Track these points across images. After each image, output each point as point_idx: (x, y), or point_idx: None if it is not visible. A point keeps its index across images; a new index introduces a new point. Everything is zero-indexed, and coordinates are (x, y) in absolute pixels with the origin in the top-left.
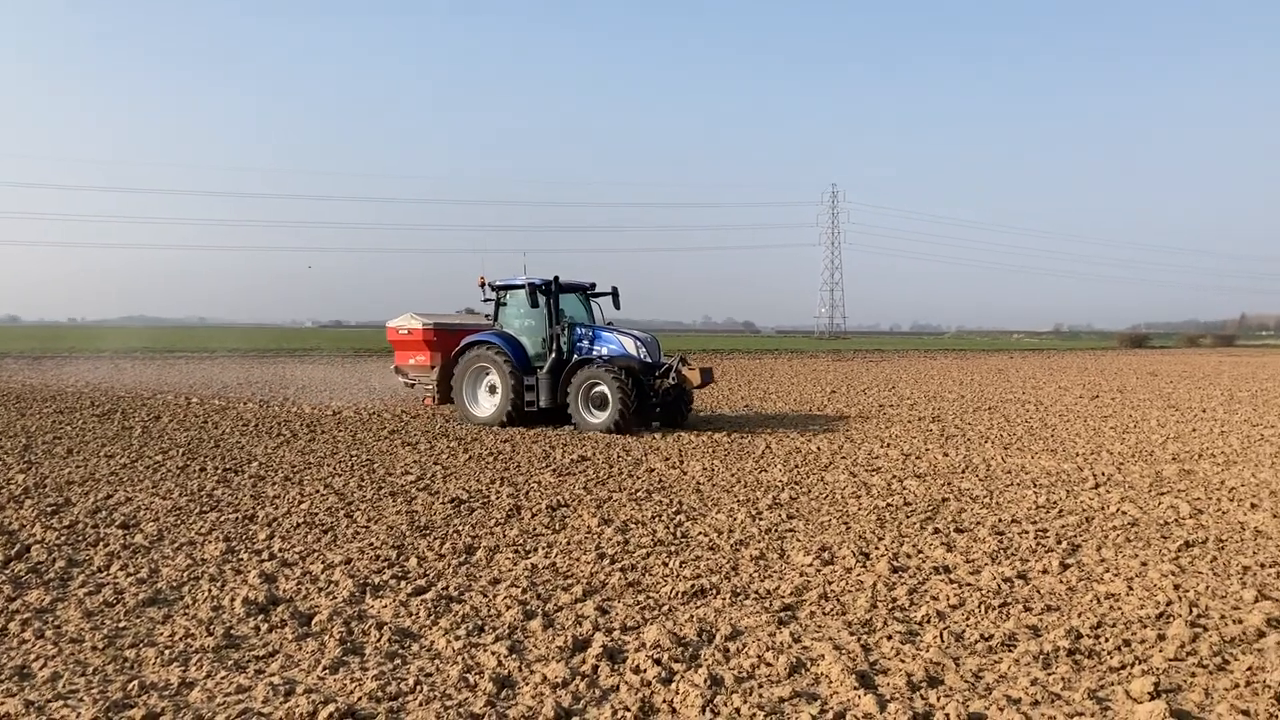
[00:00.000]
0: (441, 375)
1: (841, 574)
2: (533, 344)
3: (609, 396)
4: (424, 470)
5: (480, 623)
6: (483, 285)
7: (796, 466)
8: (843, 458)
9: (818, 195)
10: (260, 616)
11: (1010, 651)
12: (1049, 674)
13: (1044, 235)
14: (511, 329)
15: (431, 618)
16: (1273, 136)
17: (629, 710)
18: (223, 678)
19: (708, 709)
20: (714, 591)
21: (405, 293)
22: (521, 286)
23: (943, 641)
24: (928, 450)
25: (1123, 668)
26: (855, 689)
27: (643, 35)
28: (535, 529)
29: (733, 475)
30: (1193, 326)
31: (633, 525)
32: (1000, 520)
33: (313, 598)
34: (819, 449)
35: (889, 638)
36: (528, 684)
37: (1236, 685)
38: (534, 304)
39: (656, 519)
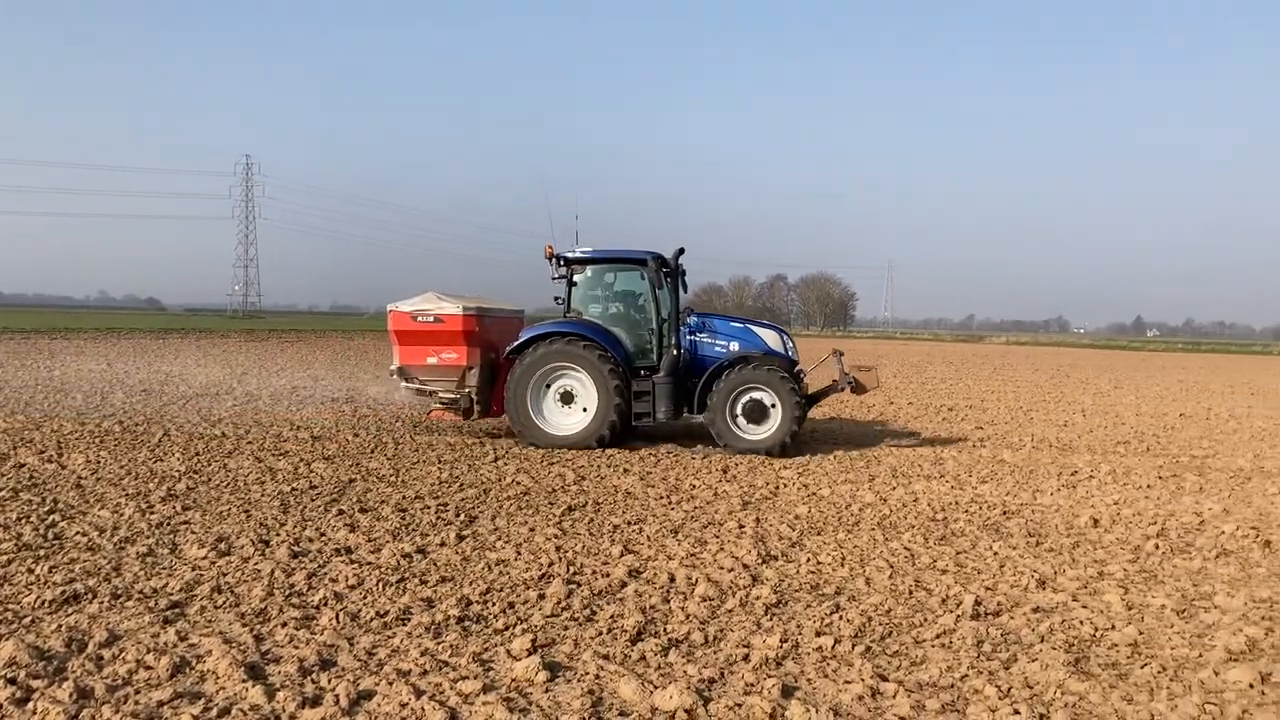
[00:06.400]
0: (484, 379)
1: (238, 564)
2: (632, 337)
3: (771, 406)
4: None
5: None
6: (550, 258)
7: (198, 454)
8: (249, 443)
9: (230, 166)
10: None
11: (404, 625)
12: (439, 643)
13: (496, 230)
14: (592, 317)
15: None
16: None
17: None
18: None
19: None
20: (90, 596)
21: None
22: (637, 260)
23: (338, 623)
24: (339, 431)
25: (506, 629)
26: (244, 682)
27: None
28: None
29: (122, 467)
30: None
31: None
32: (405, 497)
33: None
34: (224, 434)
35: (284, 625)
36: None
37: (600, 633)
38: (660, 284)
39: (23, 520)
